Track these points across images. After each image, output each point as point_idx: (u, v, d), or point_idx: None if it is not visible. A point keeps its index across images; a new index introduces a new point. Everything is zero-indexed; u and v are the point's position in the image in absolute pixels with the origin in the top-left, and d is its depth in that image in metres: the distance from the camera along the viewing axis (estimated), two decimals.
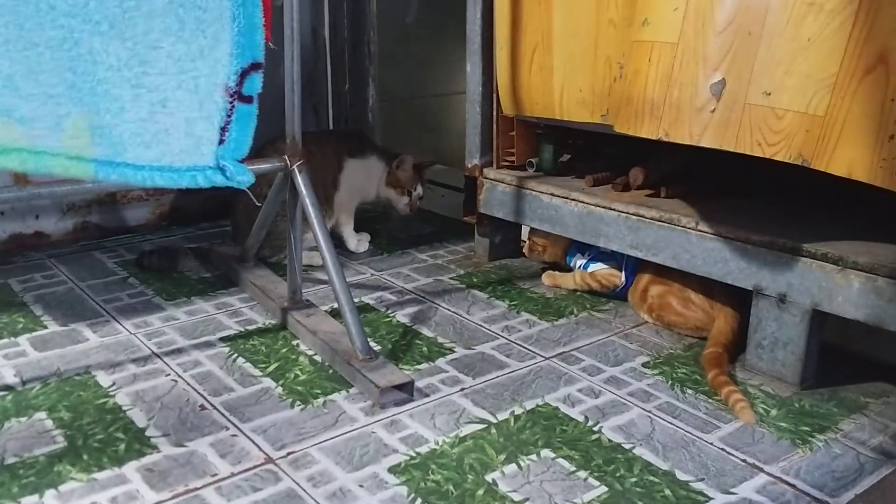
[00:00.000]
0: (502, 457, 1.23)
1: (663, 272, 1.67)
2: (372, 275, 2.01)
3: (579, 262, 1.88)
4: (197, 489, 1.14)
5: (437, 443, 1.26)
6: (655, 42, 1.42)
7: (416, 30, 2.88)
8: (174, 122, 0.90)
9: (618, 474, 1.19)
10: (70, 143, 0.90)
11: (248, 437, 1.27)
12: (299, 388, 1.43)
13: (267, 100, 2.40)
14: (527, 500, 1.13)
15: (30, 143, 0.88)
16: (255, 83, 0.94)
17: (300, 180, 1.55)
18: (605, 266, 1.82)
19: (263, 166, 1.61)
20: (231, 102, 0.92)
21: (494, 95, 1.97)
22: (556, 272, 1.93)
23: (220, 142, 0.92)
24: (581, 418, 1.34)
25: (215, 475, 1.17)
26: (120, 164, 0.90)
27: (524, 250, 1.99)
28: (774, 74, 1.31)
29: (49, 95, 0.86)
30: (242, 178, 0.95)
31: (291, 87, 1.55)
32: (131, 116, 0.88)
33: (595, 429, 1.31)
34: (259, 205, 1.18)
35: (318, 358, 1.54)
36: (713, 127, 1.36)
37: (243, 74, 0.92)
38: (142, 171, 0.91)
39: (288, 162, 1.57)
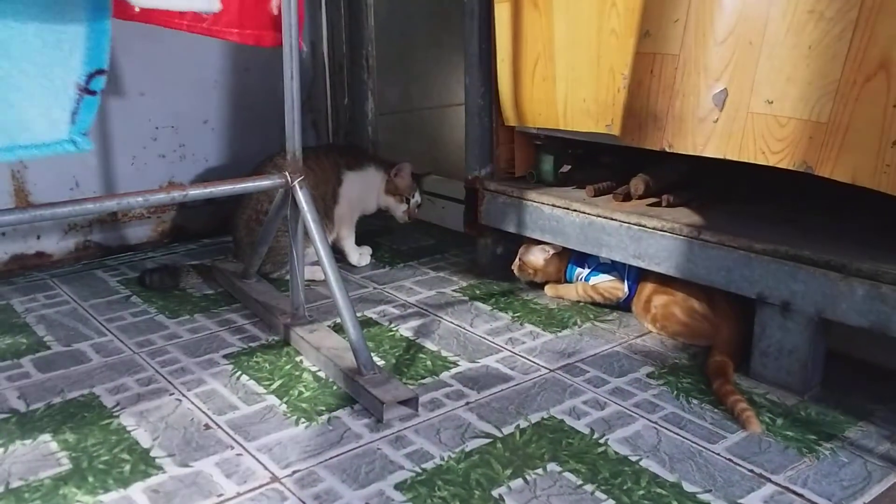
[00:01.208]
0: (509, 471, 1.22)
1: (666, 282, 1.67)
2: (374, 288, 2.01)
3: (581, 274, 1.87)
4: None
5: (442, 458, 1.26)
6: (657, 54, 1.43)
7: (413, 43, 2.89)
8: (39, 112, 1.25)
9: (625, 487, 1.19)
10: None
11: (254, 456, 1.26)
12: (304, 405, 1.42)
13: (267, 115, 2.42)
14: None
15: None
16: (100, 82, 1.27)
17: (301, 196, 1.55)
18: (608, 278, 1.82)
19: (264, 183, 1.61)
20: (80, 95, 1.26)
21: (494, 107, 1.97)
22: (559, 284, 1.93)
23: (72, 122, 1.27)
24: (587, 431, 1.34)
25: (221, 495, 1.17)
26: (14, 147, 1.25)
27: (513, 269, 1.97)
28: (776, 83, 1.31)
29: None
30: (87, 147, 1.29)
31: (291, 103, 1.55)
32: (12, 112, 1.23)
33: (601, 441, 1.31)
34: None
35: (321, 374, 1.54)
36: (716, 137, 1.36)
37: (90, 77, 1.26)
38: (28, 149, 1.26)
39: (289, 178, 1.57)
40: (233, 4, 1.54)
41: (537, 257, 1.91)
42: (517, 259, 1.96)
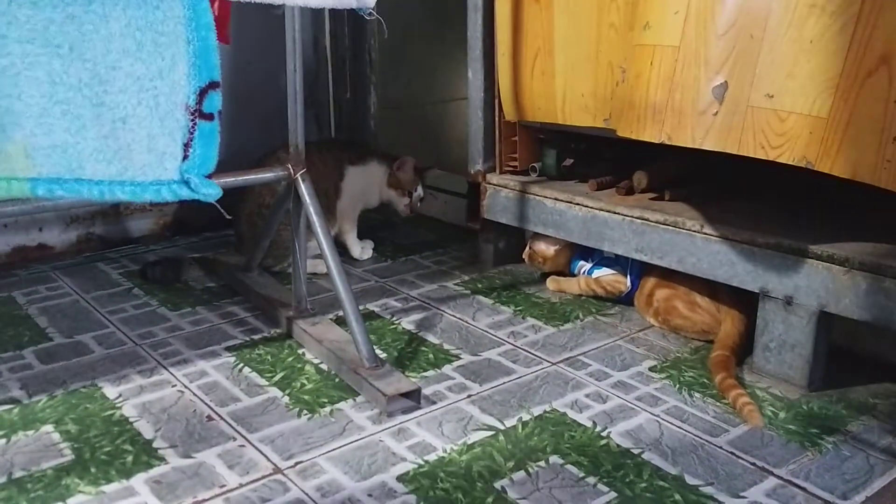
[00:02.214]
0: (511, 464, 1.22)
1: (669, 276, 1.67)
2: (376, 282, 2.01)
3: (584, 267, 1.87)
4: (205, 501, 1.14)
5: (445, 450, 1.26)
6: (657, 46, 1.42)
7: (416, 37, 2.88)
8: (136, 137, 0.94)
9: (627, 480, 1.19)
10: (2, 166, 0.95)
11: (256, 448, 1.26)
12: (306, 397, 1.42)
13: (269, 109, 2.41)
14: None
15: None
16: (215, 101, 0.99)
17: (304, 189, 1.55)
18: (610, 271, 1.82)
19: (267, 176, 1.61)
20: (192, 120, 0.97)
21: (496, 101, 1.97)
22: (561, 277, 1.93)
23: (185, 157, 0.96)
24: (589, 424, 1.34)
25: (223, 486, 1.17)
26: (70, 181, 0.94)
27: (524, 256, 1.99)
28: (777, 77, 1.31)
29: None
30: (209, 191, 0.99)
31: (294, 96, 1.55)
32: (93, 134, 0.92)
33: (603, 434, 1.31)
34: (229, 217, 1.24)
35: (324, 366, 1.54)
36: (716, 130, 1.35)
37: (202, 93, 0.97)
38: (100, 185, 0.94)
39: (291, 171, 1.57)
40: None
41: (547, 247, 1.91)
42: (528, 248, 1.97)
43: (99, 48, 0.91)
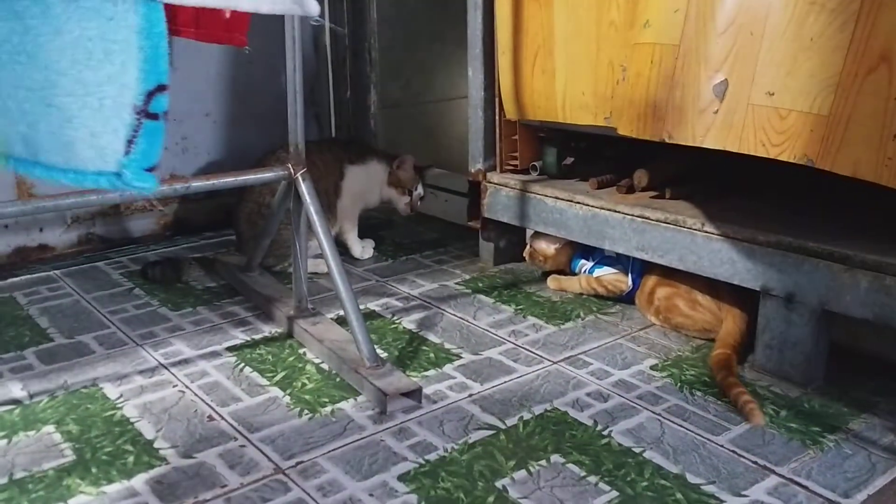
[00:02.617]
0: (512, 463, 1.22)
1: (670, 274, 1.67)
2: (377, 281, 2.01)
3: (585, 266, 1.87)
4: (206, 501, 1.14)
5: (446, 450, 1.26)
6: (657, 44, 1.42)
7: (416, 36, 2.88)
8: (79, 135, 1.06)
9: (628, 479, 1.19)
10: None
11: (257, 448, 1.26)
12: (307, 396, 1.42)
13: (269, 108, 2.41)
14: None
15: None
16: (162, 103, 1.06)
17: (304, 188, 1.55)
18: (611, 270, 1.81)
19: (267, 175, 1.61)
20: (139, 120, 1.06)
21: (497, 100, 1.96)
22: (562, 276, 1.93)
23: (127, 153, 1.06)
24: (590, 422, 1.34)
25: (225, 486, 1.17)
26: (32, 163, 1.10)
27: (525, 255, 1.99)
28: (777, 74, 1.30)
29: None
30: (144, 183, 1.08)
31: (294, 96, 1.55)
32: (43, 128, 1.06)
33: (604, 433, 1.31)
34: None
35: (325, 366, 1.54)
36: (716, 128, 1.35)
37: (149, 95, 1.05)
38: (52, 171, 1.09)
39: (292, 171, 1.57)
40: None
41: (548, 245, 1.91)
42: (528, 246, 1.97)
43: (53, 57, 1.02)
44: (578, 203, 1.80)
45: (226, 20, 1.62)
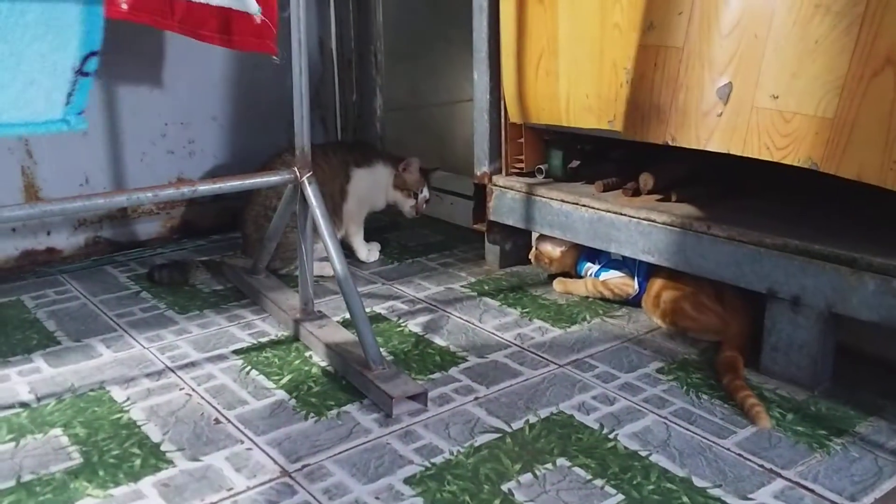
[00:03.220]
0: (518, 466, 1.22)
1: (676, 276, 1.67)
2: (383, 284, 2.01)
3: (591, 269, 1.87)
4: None
5: (451, 453, 1.26)
6: (661, 46, 1.42)
7: (422, 38, 2.89)
8: (39, 93, 1.32)
9: (634, 482, 1.19)
10: None
11: (263, 451, 1.27)
12: (313, 399, 1.43)
13: (275, 111, 2.42)
14: None
15: None
16: (93, 64, 1.34)
17: (310, 192, 1.56)
18: (618, 274, 1.81)
19: (273, 179, 1.62)
20: (76, 77, 1.33)
21: (502, 103, 1.97)
22: (568, 279, 1.93)
23: (67, 103, 1.34)
24: (596, 426, 1.34)
25: (231, 489, 1.17)
26: None
27: (530, 257, 1.99)
28: (782, 77, 1.30)
29: None
30: (82, 125, 1.37)
31: (300, 99, 1.55)
32: (10, 92, 1.30)
33: (611, 436, 1.31)
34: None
35: (331, 369, 1.54)
36: (720, 131, 1.35)
37: (85, 59, 1.33)
38: (14, 126, 1.35)
39: (298, 174, 1.57)
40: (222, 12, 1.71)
41: (554, 248, 1.91)
42: (534, 248, 1.97)
43: (17, 33, 1.26)
44: (584, 206, 1.80)
45: (256, 26, 1.66)
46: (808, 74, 1.28)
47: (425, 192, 2.20)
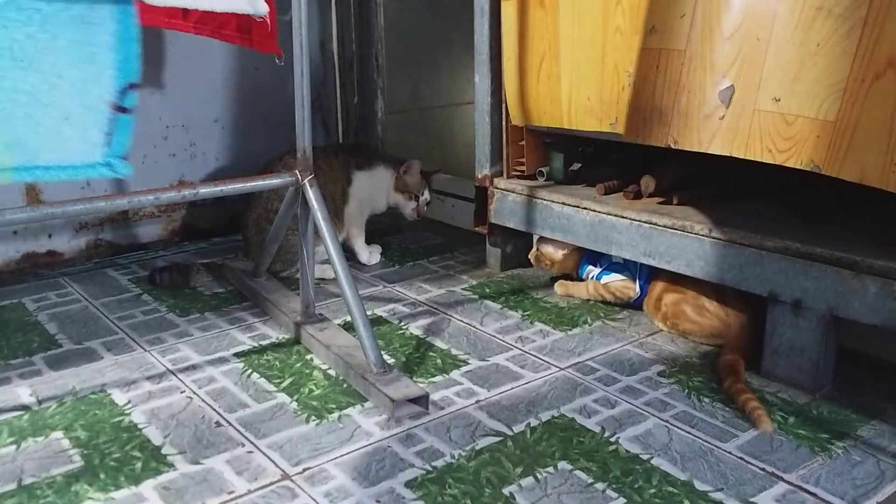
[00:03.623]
0: (519, 470, 1.22)
1: (677, 280, 1.66)
2: (384, 287, 2.01)
3: (592, 272, 1.87)
4: None
5: (453, 456, 1.26)
6: (663, 49, 1.42)
7: (423, 41, 2.89)
8: (75, 131, 1.18)
9: (636, 486, 1.18)
10: None
11: (264, 454, 1.27)
12: (314, 402, 1.42)
13: (277, 113, 2.42)
14: None
15: None
16: (132, 98, 1.21)
17: (311, 194, 1.56)
18: (619, 277, 1.81)
19: (275, 181, 1.62)
20: (114, 113, 1.20)
21: (503, 105, 1.97)
22: (569, 282, 1.93)
23: (107, 144, 1.21)
24: (597, 429, 1.34)
25: (232, 492, 1.17)
26: (32, 168, 1.19)
27: (531, 258, 1.99)
28: (783, 80, 1.30)
29: None
30: (125, 171, 1.23)
31: (301, 102, 1.56)
32: (44, 129, 1.17)
33: (612, 440, 1.30)
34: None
35: (332, 372, 1.54)
36: (722, 134, 1.35)
37: (122, 92, 1.19)
38: (50, 170, 1.20)
39: (299, 176, 1.57)
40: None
41: (555, 250, 1.91)
42: (535, 248, 1.97)
43: (50, 61, 1.14)
44: (585, 208, 1.80)
45: (269, 31, 1.69)
46: (809, 77, 1.28)
47: (426, 195, 2.20)
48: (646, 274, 1.77)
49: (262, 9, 1.65)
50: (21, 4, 1.10)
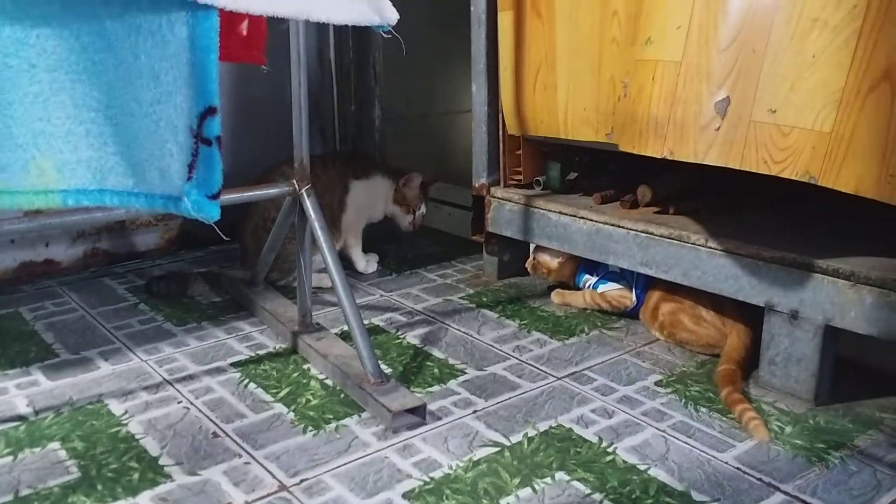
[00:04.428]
0: (517, 480, 1.22)
1: (674, 289, 1.67)
2: (381, 296, 2.01)
3: (589, 281, 1.87)
4: None
5: (450, 467, 1.26)
6: (659, 60, 1.42)
7: (420, 49, 2.89)
8: (143, 156, 1.03)
9: (633, 496, 1.18)
10: (35, 181, 1.08)
11: (262, 465, 1.26)
12: (311, 413, 1.42)
13: (274, 122, 2.42)
14: None
15: (3, 186, 1.07)
16: (213, 127, 1.00)
17: (309, 204, 1.56)
18: (616, 286, 1.81)
19: (272, 191, 1.62)
20: (195, 143, 1.01)
21: (500, 115, 1.97)
22: (566, 291, 1.93)
23: (189, 178, 1.03)
24: (595, 439, 1.34)
25: None
26: (97, 191, 1.07)
27: (527, 266, 1.99)
28: (779, 91, 1.31)
29: (17, 145, 1.05)
30: (208, 212, 1.04)
31: (299, 111, 1.56)
32: (111, 149, 1.05)
33: (609, 450, 1.31)
34: (226, 239, 1.27)
35: (329, 382, 1.54)
36: (718, 145, 1.36)
37: (201, 118, 1.00)
38: (121, 195, 1.07)
39: (296, 186, 1.57)
40: None
41: (552, 258, 1.91)
42: (531, 257, 1.97)
43: (109, 75, 1.01)
44: (582, 218, 1.80)
45: (243, 38, 1.62)
46: (805, 88, 1.29)
47: (423, 208, 2.20)
48: (642, 283, 1.77)
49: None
50: (76, 9, 0.98)
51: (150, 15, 0.98)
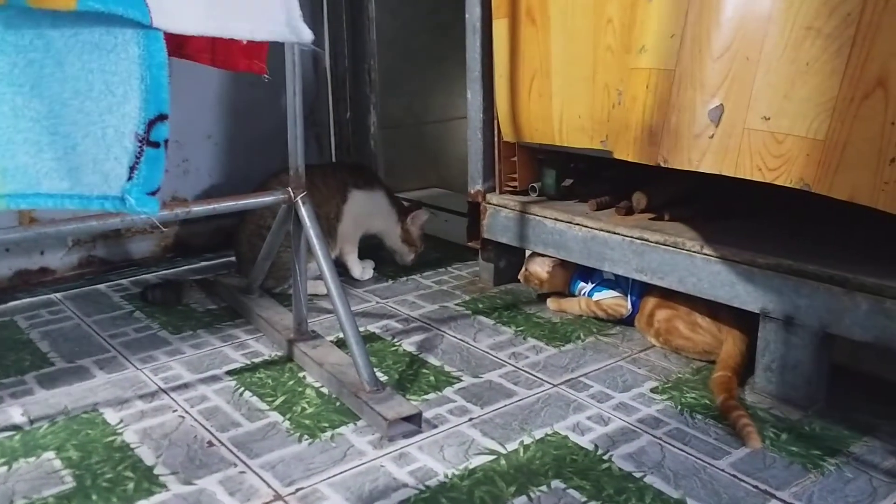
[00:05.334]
0: (513, 488, 1.22)
1: (670, 296, 1.67)
2: (377, 303, 2.01)
3: (584, 289, 1.87)
4: None
5: (446, 475, 1.26)
6: (653, 69, 1.43)
7: (416, 57, 2.90)
8: (82, 161, 1.11)
9: None
10: None
11: (257, 474, 1.26)
12: (307, 421, 1.42)
13: (270, 130, 2.42)
14: None
15: None
16: (162, 131, 1.12)
17: (304, 212, 1.56)
18: (611, 294, 1.81)
19: (267, 199, 1.62)
20: (140, 147, 1.11)
21: (495, 122, 1.98)
22: (562, 297, 1.93)
23: (130, 178, 1.12)
24: (591, 447, 1.34)
25: None
26: (32, 195, 1.13)
27: (520, 277, 1.99)
28: (773, 99, 1.31)
29: None
30: (146, 207, 1.14)
31: (294, 119, 1.56)
32: (48, 156, 1.11)
33: (605, 457, 1.31)
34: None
35: (324, 390, 1.54)
36: (712, 152, 1.36)
37: (150, 124, 1.11)
38: (54, 198, 1.14)
39: (292, 194, 1.57)
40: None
41: (541, 268, 1.91)
42: (523, 268, 1.97)
43: (55, 88, 1.08)
44: (578, 224, 1.80)
45: (243, 47, 1.63)
46: (799, 96, 1.29)
47: (422, 246, 2.24)
48: (638, 290, 1.77)
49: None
50: (21, 29, 1.06)
51: (105, 35, 1.07)
